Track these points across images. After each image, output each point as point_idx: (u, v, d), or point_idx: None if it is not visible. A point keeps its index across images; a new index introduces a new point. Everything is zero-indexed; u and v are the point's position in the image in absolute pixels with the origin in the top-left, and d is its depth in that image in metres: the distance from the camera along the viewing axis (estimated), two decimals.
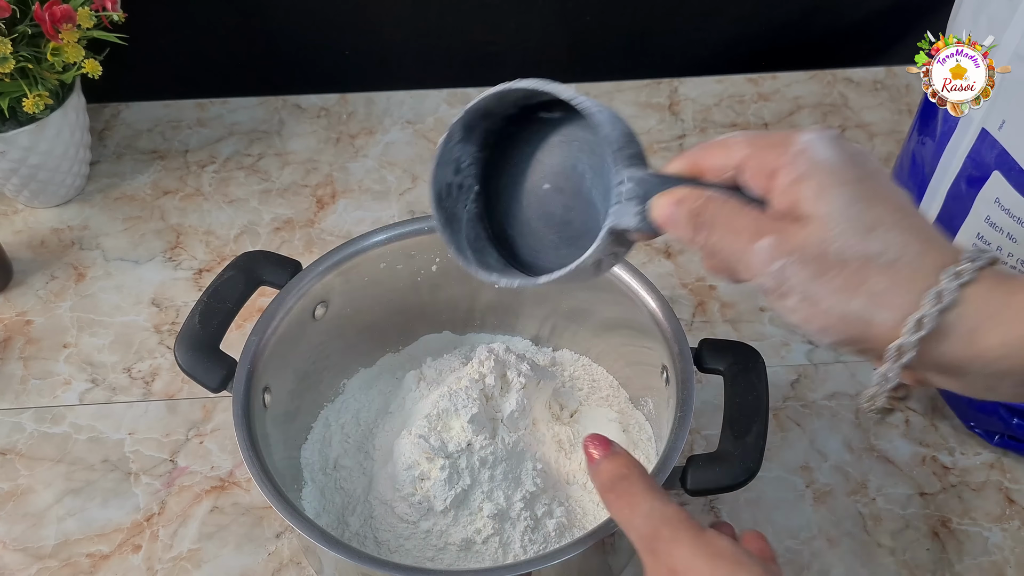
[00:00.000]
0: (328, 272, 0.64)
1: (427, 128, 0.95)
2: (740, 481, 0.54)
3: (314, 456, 0.67)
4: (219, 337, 0.61)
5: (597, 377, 0.71)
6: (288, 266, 0.64)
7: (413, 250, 0.67)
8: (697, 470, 0.54)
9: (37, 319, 0.79)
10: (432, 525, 0.59)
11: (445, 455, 0.59)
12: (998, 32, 0.56)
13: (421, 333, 0.73)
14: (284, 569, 0.64)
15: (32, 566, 0.65)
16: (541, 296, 0.70)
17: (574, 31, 1.01)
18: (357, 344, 0.70)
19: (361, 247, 0.65)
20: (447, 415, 0.61)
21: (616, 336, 0.68)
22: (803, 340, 0.77)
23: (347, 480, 0.64)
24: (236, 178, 0.90)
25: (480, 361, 0.63)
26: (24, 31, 0.75)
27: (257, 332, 0.61)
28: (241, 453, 0.55)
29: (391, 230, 0.66)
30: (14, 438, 0.71)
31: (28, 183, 0.84)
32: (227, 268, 0.63)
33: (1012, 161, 0.57)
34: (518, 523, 0.60)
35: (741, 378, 0.58)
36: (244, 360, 0.59)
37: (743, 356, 0.59)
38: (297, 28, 0.99)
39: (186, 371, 0.59)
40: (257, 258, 0.64)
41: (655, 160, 0.91)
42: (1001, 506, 0.68)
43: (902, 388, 0.39)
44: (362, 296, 0.68)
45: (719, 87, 0.99)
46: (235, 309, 0.62)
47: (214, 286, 0.62)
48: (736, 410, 0.56)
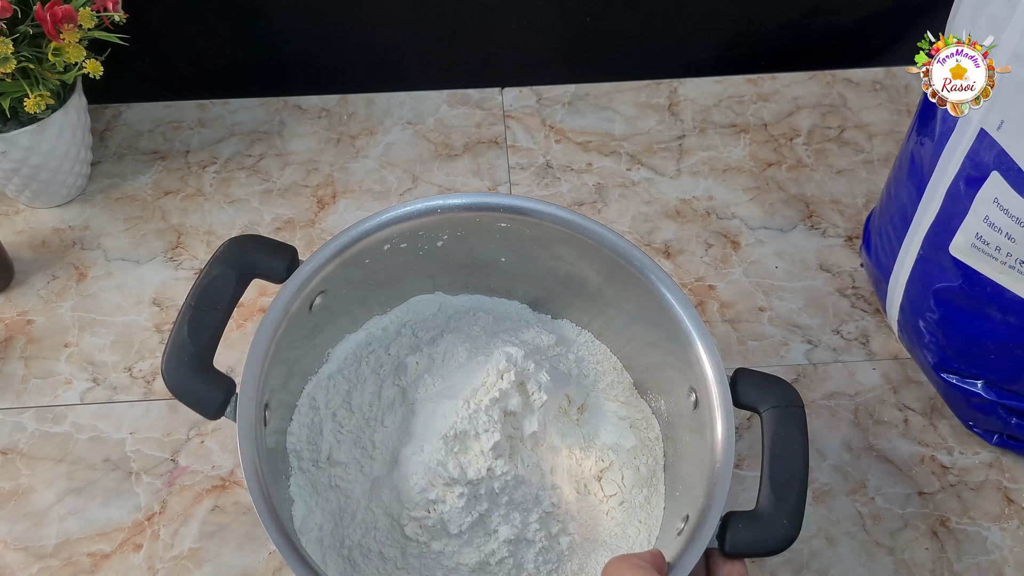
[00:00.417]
0: (330, 262, 0.59)
1: (427, 128, 0.95)
2: (781, 548, 0.51)
3: (302, 443, 0.61)
4: (211, 352, 0.53)
5: (601, 358, 0.69)
6: (282, 252, 0.57)
7: (422, 230, 0.63)
8: (737, 533, 0.52)
9: (38, 319, 0.79)
10: (444, 546, 0.57)
11: (464, 483, 0.56)
12: (997, 32, 0.56)
13: (411, 293, 0.68)
14: (285, 568, 0.65)
15: (33, 565, 0.65)
16: (538, 260, 0.66)
17: (574, 31, 1.01)
18: (346, 314, 0.66)
19: (364, 230, 0.60)
20: (466, 437, 0.57)
21: (626, 323, 0.66)
22: (802, 340, 0.78)
23: (343, 479, 0.60)
24: (237, 178, 0.90)
25: (499, 373, 0.59)
26: (25, 31, 0.75)
27: (256, 350, 0.53)
28: (253, 504, 0.50)
29: (397, 219, 0.61)
30: (15, 437, 0.72)
31: (29, 183, 0.84)
32: (214, 262, 0.55)
33: (1011, 161, 0.58)
34: (533, 544, 0.58)
35: (782, 427, 0.54)
36: (247, 387, 0.52)
37: (783, 399, 0.55)
38: (298, 29, 0.99)
39: (178, 397, 0.52)
40: (247, 245, 0.56)
41: (654, 161, 0.92)
42: (1000, 505, 0.68)
43: None
44: (360, 277, 0.63)
45: (719, 87, 0.99)
46: (227, 314, 0.54)
47: (201, 286, 0.54)
48: (777, 466, 0.53)
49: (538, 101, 0.97)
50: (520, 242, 0.65)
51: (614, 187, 0.89)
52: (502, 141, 0.93)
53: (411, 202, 0.62)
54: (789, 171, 0.91)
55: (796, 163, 0.91)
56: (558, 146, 0.93)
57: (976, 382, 0.68)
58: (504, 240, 0.65)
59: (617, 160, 0.92)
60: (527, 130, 0.94)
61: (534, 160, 0.92)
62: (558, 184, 0.89)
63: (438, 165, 0.91)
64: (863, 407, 0.73)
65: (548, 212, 0.62)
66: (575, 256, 0.64)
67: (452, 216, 0.62)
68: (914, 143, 0.69)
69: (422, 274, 0.67)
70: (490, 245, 0.65)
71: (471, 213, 0.62)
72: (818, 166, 0.91)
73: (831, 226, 0.86)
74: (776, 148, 0.93)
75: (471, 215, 0.62)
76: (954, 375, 0.69)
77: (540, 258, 0.66)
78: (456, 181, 0.90)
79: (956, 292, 0.66)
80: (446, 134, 0.94)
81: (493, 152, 0.92)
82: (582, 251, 0.63)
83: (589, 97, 0.98)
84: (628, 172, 0.91)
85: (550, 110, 0.96)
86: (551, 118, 0.96)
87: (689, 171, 0.91)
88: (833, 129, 0.95)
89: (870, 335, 0.78)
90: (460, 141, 0.94)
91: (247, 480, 0.50)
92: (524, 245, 0.65)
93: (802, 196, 0.89)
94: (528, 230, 0.63)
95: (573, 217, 0.62)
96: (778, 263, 0.83)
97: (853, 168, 0.91)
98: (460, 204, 0.62)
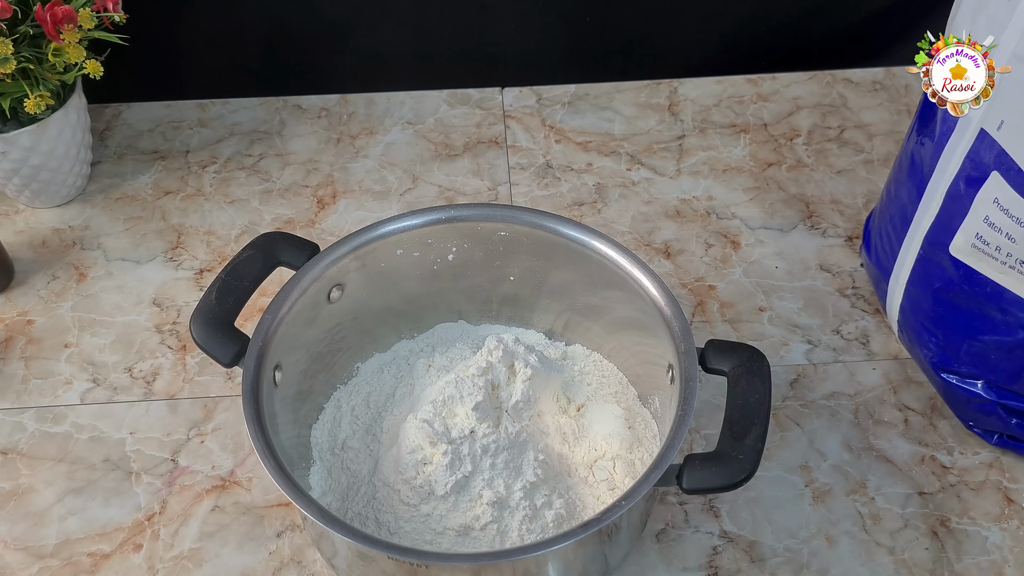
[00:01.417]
0: (345, 256, 0.65)
1: (427, 128, 0.95)
2: (736, 482, 0.54)
3: (323, 436, 0.68)
4: (235, 313, 0.61)
5: (607, 373, 0.71)
6: (306, 248, 0.65)
7: (430, 238, 0.68)
8: (694, 469, 0.54)
9: (38, 319, 0.79)
10: (432, 509, 0.60)
11: (448, 440, 0.60)
12: (997, 32, 0.56)
13: (437, 321, 0.74)
14: (285, 568, 0.65)
15: (33, 565, 0.65)
16: (558, 291, 0.71)
17: (574, 31, 1.01)
18: (372, 329, 0.71)
19: (379, 232, 0.66)
20: (452, 401, 0.62)
21: (628, 334, 0.69)
22: (802, 340, 0.78)
23: (353, 461, 0.66)
24: (237, 178, 0.90)
25: (489, 350, 0.64)
26: (25, 31, 0.75)
27: (271, 311, 0.61)
28: (246, 426, 0.56)
29: (408, 218, 0.67)
30: (15, 438, 0.72)
31: (29, 183, 0.84)
32: (246, 248, 0.64)
33: (1011, 161, 0.58)
34: (517, 512, 0.60)
35: (744, 380, 0.58)
36: (257, 337, 0.60)
37: (748, 358, 0.59)
38: (298, 29, 0.99)
39: (200, 345, 0.60)
40: (276, 239, 0.65)
41: (653, 161, 0.92)
42: (1000, 505, 0.68)
43: None
44: (378, 281, 0.68)
45: (719, 87, 0.99)
46: (251, 287, 0.62)
47: (232, 264, 0.63)
48: (737, 411, 0.56)
49: (538, 101, 0.97)
50: (520, 253, 0.69)
51: (614, 187, 0.89)
52: (502, 141, 0.93)
53: (422, 210, 0.68)
54: (789, 171, 0.91)
55: (796, 163, 0.91)
56: (558, 146, 0.93)
57: (976, 382, 0.68)
58: (507, 252, 0.69)
59: (617, 160, 0.92)
60: (527, 130, 0.94)
61: (534, 160, 0.92)
62: (558, 184, 0.89)
63: (438, 165, 0.91)
64: (863, 407, 0.73)
65: (536, 220, 0.67)
66: (567, 264, 0.68)
67: (458, 226, 0.68)
68: (914, 143, 0.69)
69: (447, 305, 0.74)
70: (495, 259, 0.70)
71: (472, 223, 0.68)
72: (818, 166, 0.91)
73: (831, 226, 0.86)
74: (776, 148, 0.93)
75: (472, 224, 0.68)
76: (954, 375, 0.69)
77: (546, 276, 0.70)
78: (456, 181, 0.90)
79: (956, 292, 0.66)
80: (446, 134, 0.94)
81: (493, 152, 0.92)
82: (571, 257, 0.67)
83: (589, 97, 0.98)
84: (628, 172, 0.91)
85: (550, 110, 0.96)
86: (551, 118, 0.96)
87: (689, 171, 0.91)
88: (833, 129, 0.95)
89: (870, 335, 0.78)
90: (460, 141, 0.94)
91: (245, 414, 0.57)
92: (525, 257, 0.69)
93: (802, 196, 0.89)
94: (527, 240, 0.68)
95: (558, 225, 0.67)
96: (778, 263, 0.83)
97: (853, 168, 0.91)
98: (464, 214, 0.68)
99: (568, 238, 0.66)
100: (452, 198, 0.88)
